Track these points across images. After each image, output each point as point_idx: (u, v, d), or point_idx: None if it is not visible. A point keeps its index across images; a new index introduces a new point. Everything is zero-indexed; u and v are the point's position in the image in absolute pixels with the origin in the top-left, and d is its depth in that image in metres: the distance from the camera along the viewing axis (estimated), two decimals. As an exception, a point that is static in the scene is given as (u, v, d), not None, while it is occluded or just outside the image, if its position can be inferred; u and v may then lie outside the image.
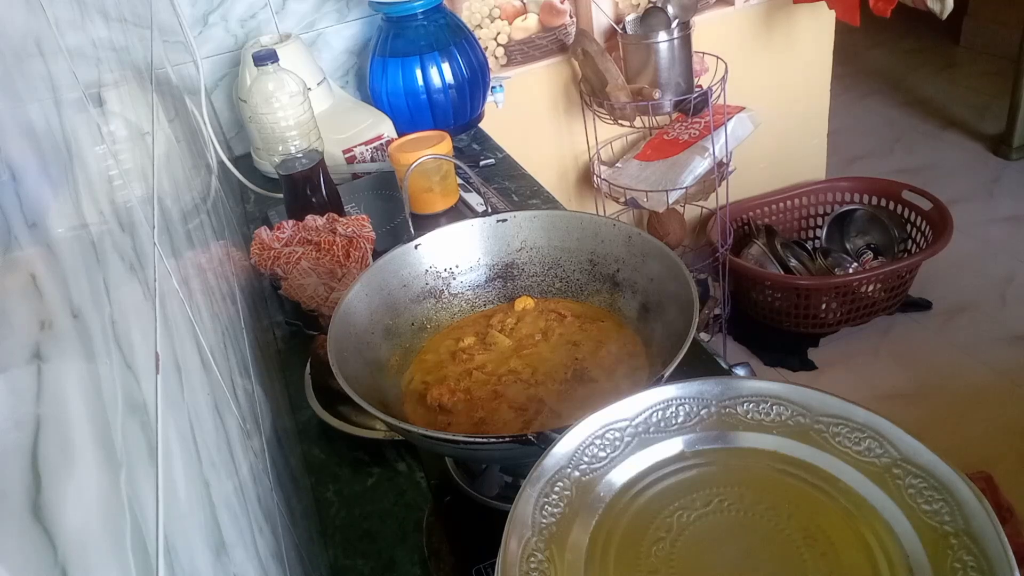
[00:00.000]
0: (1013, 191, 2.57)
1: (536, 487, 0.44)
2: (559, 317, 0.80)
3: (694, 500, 0.44)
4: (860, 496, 0.42)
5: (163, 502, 0.31)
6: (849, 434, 0.45)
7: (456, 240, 0.83)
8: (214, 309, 0.65)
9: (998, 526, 0.37)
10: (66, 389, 0.26)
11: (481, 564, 0.68)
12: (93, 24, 0.58)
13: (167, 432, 0.35)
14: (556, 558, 0.41)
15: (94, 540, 0.24)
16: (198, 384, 0.47)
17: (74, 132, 0.40)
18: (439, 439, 0.60)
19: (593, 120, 1.87)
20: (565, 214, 0.84)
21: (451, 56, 1.44)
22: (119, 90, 0.59)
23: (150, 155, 0.62)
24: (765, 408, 0.47)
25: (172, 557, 0.30)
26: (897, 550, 0.39)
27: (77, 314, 0.30)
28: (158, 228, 0.52)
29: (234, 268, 0.93)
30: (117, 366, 0.32)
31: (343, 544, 0.75)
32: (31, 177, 0.30)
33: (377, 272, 0.79)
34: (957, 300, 2.14)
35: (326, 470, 0.83)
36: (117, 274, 0.38)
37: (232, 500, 0.45)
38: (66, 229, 0.33)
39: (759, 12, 1.96)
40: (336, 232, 1.04)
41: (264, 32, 1.48)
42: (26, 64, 0.35)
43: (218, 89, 1.52)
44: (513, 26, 1.75)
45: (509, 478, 0.75)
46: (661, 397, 0.49)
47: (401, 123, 1.45)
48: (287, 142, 1.10)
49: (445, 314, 0.83)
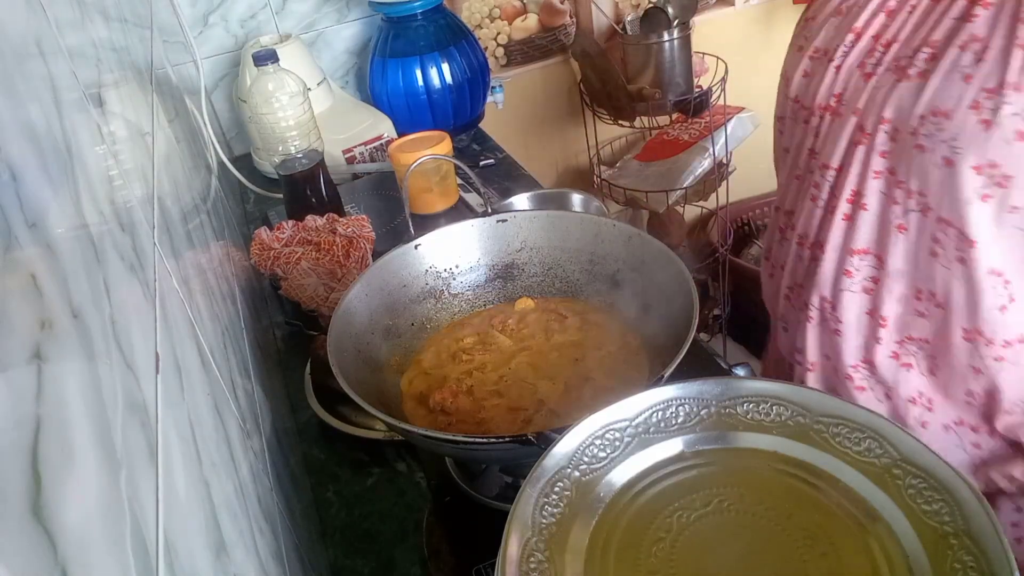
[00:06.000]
0: (1013, 191, 2.57)
1: (536, 487, 0.44)
2: (559, 317, 0.80)
3: (694, 500, 0.44)
4: (860, 496, 0.42)
5: (163, 502, 0.31)
6: (849, 434, 0.44)
7: (456, 240, 0.83)
8: (214, 309, 0.65)
9: (998, 526, 0.37)
10: (66, 389, 0.26)
11: (481, 564, 0.68)
12: (93, 24, 0.58)
13: (167, 432, 0.35)
14: (556, 558, 0.41)
15: (94, 540, 0.24)
16: (198, 384, 0.47)
17: (74, 132, 0.40)
18: (439, 439, 0.60)
19: (593, 120, 1.87)
20: (565, 214, 0.84)
21: (451, 56, 1.44)
22: (119, 90, 0.59)
23: (150, 155, 0.62)
24: (765, 408, 0.47)
25: (172, 557, 0.30)
26: (897, 550, 0.39)
27: (77, 314, 0.30)
28: (158, 228, 0.52)
29: (234, 268, 0.93)
30: (117, 366, 0.32)
31: (343, 544, 0.75)
32: (31, 177, 0.30)
33: (377, 272, 0.79)
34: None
35: (326, 470, 0.83)
36: (117, 274, 0.38)
37: (232, 500, 0.45)
38: (66, 229, 0.33)
39: (759, 12, 1.96)
40: (336, 232, 1.04)
41: (264, 32, 1.48)
42: (26, 64, 0.35)
43: (218, 89, 1.52)
44: (513, 26, 1.75)
45: (509, 478, 0.75)
46: (661, 397, 0.49)
47: (401, 123, 1.45)
48: (287, 142, 1.10)
49: (445, 314, 0.83)
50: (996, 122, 0.61)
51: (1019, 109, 0.60)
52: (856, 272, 0.76)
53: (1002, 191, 0.63)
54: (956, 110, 0.63)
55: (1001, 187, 0.63)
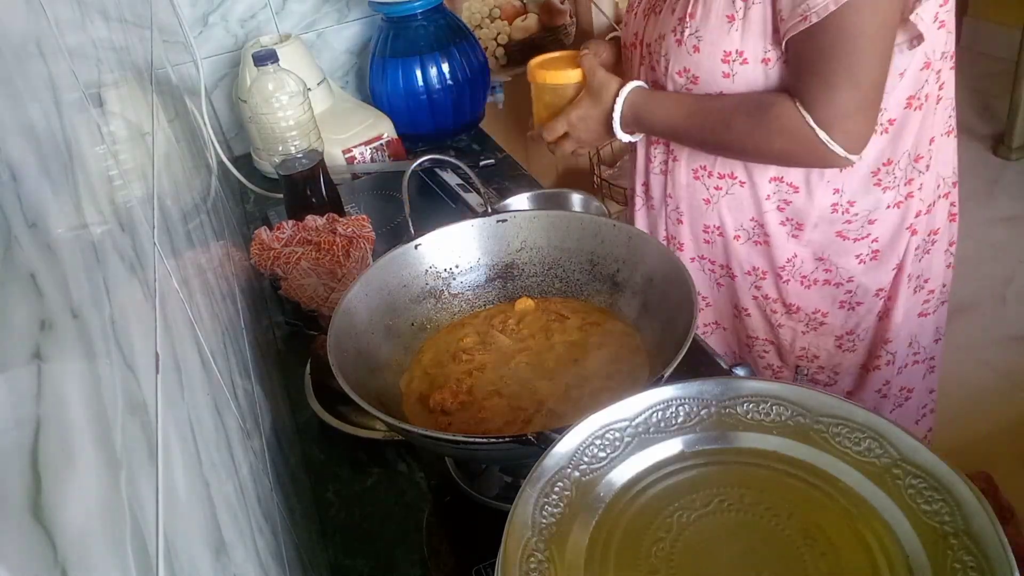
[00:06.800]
0: (1013, 191, 2.57)
1: (536, 487, 0.44)
2: (559, 317, 0.80)
3: (694, 500, 0.44)
4: (860, 496, 0.42)
5: (163, 502, 0.31)
6: (849, 434, 0.45)
7: (456, 240, 0.83)
8: (214, 309, 0.65)
9: (998, 526, 0.37)
10: (66, 389, 0.26)
11: (481, 564, 0.68)
12: (93, 24, 0.58)
13: (167, 432, 0.35)
14: (556, 558, 0.41)
15: (94, 540, 0.24)
16: (198, 384, 0.47)
17: (74, 132, 0.40)
18: (439, 439, 0.60)
19: (593, 120, 1.86)
20: (565, 214, 0.84)
21: (451, 56, 1.44)
22: (119, 90, 0.59)
23: (150, 155, 0.62)
24: (765, 408, 0.47)
25: (172, 557, 0.30)
26: (897, 550, 0.39)
27: (77, 314, 0.30)
28: (158, 228, 0.52)
29: (234, 268, 0.93)
30: (117, 366, 0.32)
31: (343, 544, 0.75)
32: (31, 177, 0.30)
33: (377, 272, 0.79)
34: (957, 300, 2.13)
35: (326, 470, 0.83)
36: (117, 274, 0.38)
37: (232, 500, 0.45)
38: (66, 229, 0.32)
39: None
40: (336, 232, 1.04)
41: (264, 32, 1.48)
42: (26, 64, 0.35)
43: (218, 89, 1.52)
44: (513, 26, 1.75)
45: (509, 478, 0.75)
46: (661, 397, 0.49)
47: (401, 123, 1.45)
48: (287, 142, 1.10)
49: (445, 314, 0.83)
50: (683, 40, 0.89)
51: (693, 31, 0.88)
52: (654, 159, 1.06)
53: (696, 87, 0.91)
54: (666, 34, 0.92)
55: (695, 84, 0.91)
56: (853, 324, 1.03)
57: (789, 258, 0.99)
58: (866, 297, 1.00)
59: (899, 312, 1.01)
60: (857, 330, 1.04)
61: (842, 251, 0.98)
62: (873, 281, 0.99)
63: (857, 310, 1.02)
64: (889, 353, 1.04)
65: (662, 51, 0.92)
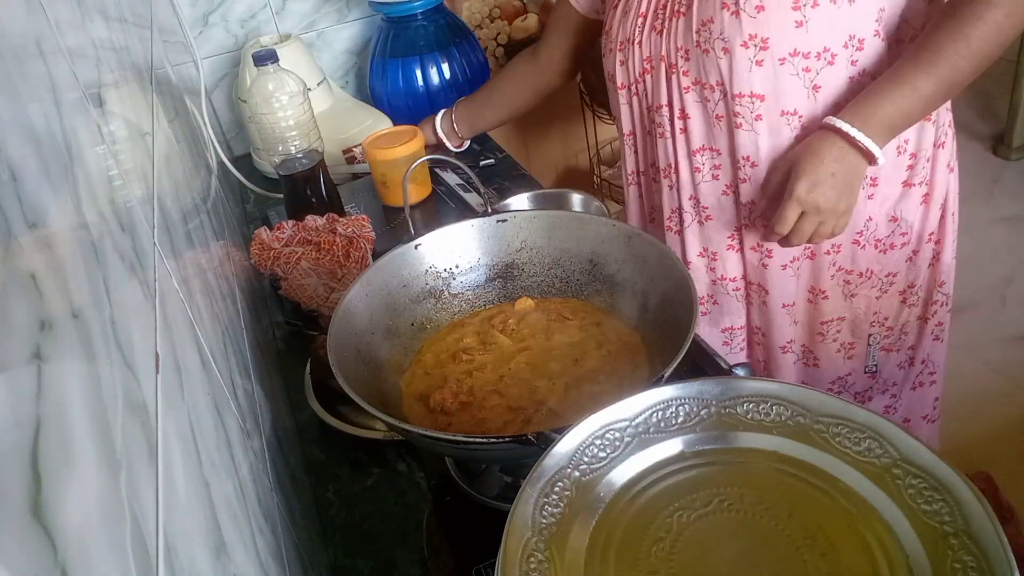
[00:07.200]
0: (1013, 191, 2.57)
1: (536, 487, 0.44)
2: (559, 317, 0.80)
3: (694, 500, 0.44)
4: (860, 496, 0.42)
5: (163, 502, 0.31)
6: (849, 434, 0.45)
7: (456, 240, 0.83)
8: (214, 309, 0.65)
9: (998, 526, 0.37)
10: (66, 389, 0.26)
11: (481, 564, 0.68)
12: (93, 24, 0.58)
13: (167, 432, 0.35)
14: (556, 558, 0.41)
15: (94, 540, 0.24)
16: (198, 384, 0.47)
17: (74, 132, 0.40)
18: (439, 439, 0.60)
19: (593, 120, 1.87)
20: (565, 214, 0.84)
21: (451, 56, 1.44)
22: (119, 90, 0.59)
23: (150, 155, 0.62)
24: (765, 408, 0.47)
25: (172, 557, 0.30)
26: (897, 550, 0.39)
27: (77, 314, 0.30)
28: (158, 228, 0.52)
29: (234, 268, 0.93)
30: (117, 366, 0.32)
31: (343, 544, 0.75)
32: (31, 177, 0.30)
33: (377, 272, 0.79)
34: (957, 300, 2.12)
35: (326, 470, 0.83)
36: (117, 274, 0.38)
37: (232, 500, 0.45)
38: (66, 229, 0.33)
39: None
40: (336, 232, 1.04)
41: (264, 32, 1.48)
42: (26, 64, 0.35)
43: (218, 89, 1.52)
44: (513, 26, 1.74)
45: (509, 478, 0.75)
46: (661, 397, 0.49)
47: (401, 123, 1.44)
48: (287, 142, 1.10)
49: (445, 314, 0.83)
50: (741, 8, 0.85)
51: None
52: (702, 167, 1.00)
53: (767, 52, 0.87)
54: (715, 14, 0.88)
55: (764, 49, 0.87)
56: (913, 276, 1.05)
57: (865, 222, 0.98)
58: (920, 244, 1.02)
59: (947, 253, 1.04)
60: (917, 281, 1.05)
61: (906, 198, 0.98)
62: (926, 227, 1.01)
63: (916, 260, 1.04)
64: (943, 294, 1.07)
65: (712, 36, 0.88)
